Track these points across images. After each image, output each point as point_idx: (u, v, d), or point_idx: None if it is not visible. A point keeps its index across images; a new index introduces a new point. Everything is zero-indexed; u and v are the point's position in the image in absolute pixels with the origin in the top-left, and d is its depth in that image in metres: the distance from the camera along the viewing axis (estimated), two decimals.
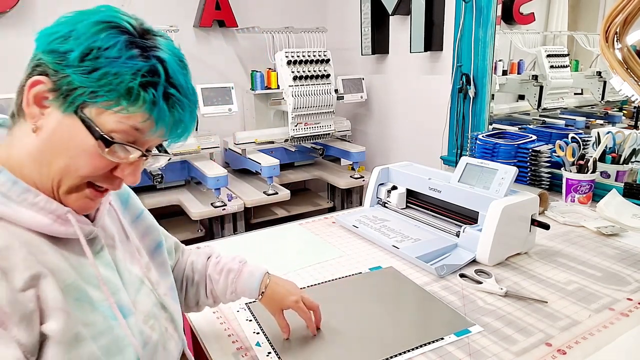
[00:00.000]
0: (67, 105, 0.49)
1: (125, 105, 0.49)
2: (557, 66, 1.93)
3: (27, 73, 0.52)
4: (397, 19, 2.37)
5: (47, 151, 0.50)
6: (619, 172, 1.45)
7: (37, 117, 0.51)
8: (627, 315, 0.83)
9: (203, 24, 2.48)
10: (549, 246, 1.13)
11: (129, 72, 0.48)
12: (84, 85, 0.48)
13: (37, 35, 0.52)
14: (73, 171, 0.51)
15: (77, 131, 0.50)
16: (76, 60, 0.48)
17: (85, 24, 0.49)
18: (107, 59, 0.48)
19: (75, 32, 0.49)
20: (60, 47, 0.49)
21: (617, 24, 1.12)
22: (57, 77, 0.49)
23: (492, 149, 1.52)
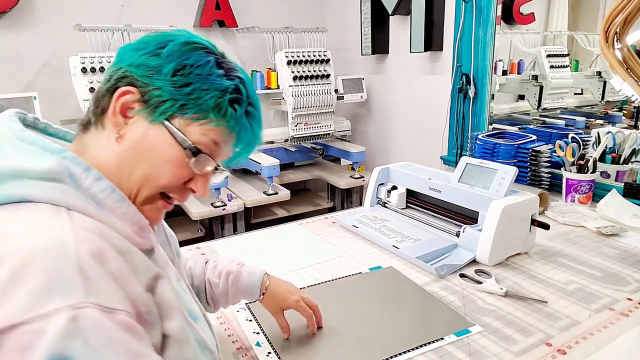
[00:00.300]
0: (157, 116, 0.51)
1: (214, 118, 0.52)
2: (557, 66, 1.93)
3: (109, 84, 0.53)
4: (397, 19, 2.37)
5: (129, 159, 0.52)
6: (619, 172, 1.45)
7: (120, 126, 0.52)
8: (627, 315, 0.83)
9: (203, 24, 2.48)
10: (549, 246, 1.13)
11: (219, 89, 0.53)
12: (174, 97, 0.51)
13: (120, 51, 0.55)
14: (153, 180, 0.52)
15: (163, 141, 0.52)
16: (168, 75, 0.51)
17: (176, 43, 0.53)
18: (199, 75, 0.52)
19: (165, 50, 0.52)
20: (150, 61, 0.52)
21: (617, 24, 1.12)
22: (146, 89, 0.52)
23: (492, 149, 1.52)
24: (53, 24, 2.15)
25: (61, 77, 1.96)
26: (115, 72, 0.53)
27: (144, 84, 0.52)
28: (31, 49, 2.13)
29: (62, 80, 1.92)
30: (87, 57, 1.79)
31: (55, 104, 1.98)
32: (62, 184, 0.47)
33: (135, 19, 2.19)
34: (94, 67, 1.78)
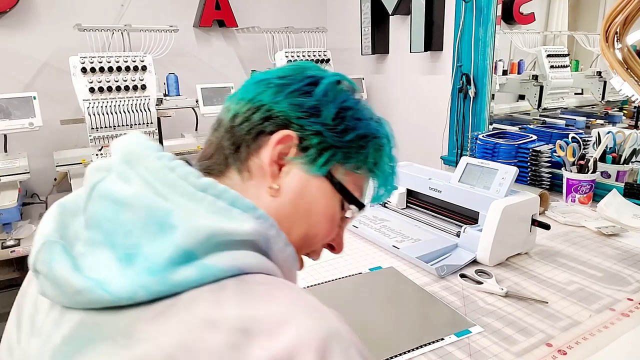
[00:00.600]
0: (318, 166, 0.45)
1: (372, 167, 0.49)
2: (558, 66, 1.93)
3: (251, 124, 0.45)
4: (397, 18, 2.36)
5: (287, 217, 0.45)
6: (619, 172, 1.44)
7: (275, 177, 0.45)
8: (627, 315, 0.83)
9: (203, 23, 2.48)
10: (550, 246, 1.13)
11: (376, 136, 0.49)
12: (336, 145, 0.46)
13: (251, 84, 0.48)
14: (309, 240, 0.48)
15: (323, 195, 0.46)
16: (328, 119, 0.45)
17: (329, 82, 0.47)
18: (357, 120, 0.47)
19: (319, 90, 0.46)
20: (305, 102, 0.45)
21: (617, 24, 1.11)
22: (303, 133, 0.45)
23: (492, 149, 1.52)
24: (53, 23, 2.15)
25: (61, 77, 1.96)
26: (257, 109, 0.45)
27: (300, 128, 0.45)
28: (31, 49, 2.13)
29: (61, 81, 1.92)
30: (87, 57, 1.79)
31: (54, 104, 1.97)
32: (259, 249, 0.40)
33: (135, 18, 2.19)
34: (93, 67, 1.78)
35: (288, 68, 0.49)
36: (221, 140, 0.47)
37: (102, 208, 0.39)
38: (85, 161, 1.90)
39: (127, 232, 0.37)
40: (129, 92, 1.84)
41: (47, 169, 2.04)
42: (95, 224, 0.39)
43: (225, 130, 0.47)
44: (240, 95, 0.47)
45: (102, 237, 0.38)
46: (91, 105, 1.77)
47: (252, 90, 0.47)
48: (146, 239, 0.37)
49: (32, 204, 2.08)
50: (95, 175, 0.43)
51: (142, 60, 1.87)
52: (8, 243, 1.62)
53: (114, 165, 0.42)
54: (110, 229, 0.38)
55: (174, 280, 0.35)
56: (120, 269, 0.36)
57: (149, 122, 1.86)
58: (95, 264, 0.37)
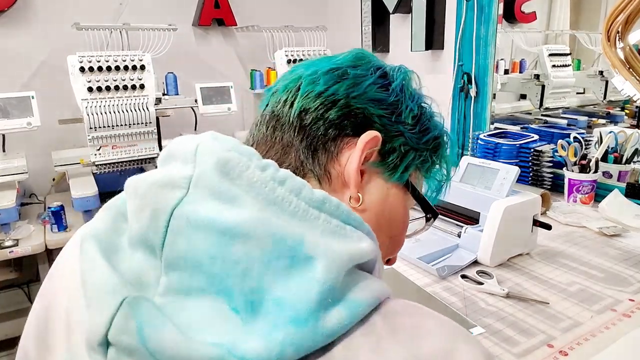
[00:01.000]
0: (401, 172, 0.41)
1: (447, 170, 0.46)
2: (559, 65, 1.92)
3: (331, 122, 0.39)
4: (398, 17, 2.36)
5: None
6: (621, 172, 1.44)
7: (359, 185, 0.39)
8: (629, 316, 0.82)
9: (202, 22, 2.47)
10: (551, 247, 1.12)
11: (447, 135, 0.45)
12: (417, 148, 0.42)
13: (323, 69, 0.41)
14: (391, 250, 0.45)
15: (401, 203, 0.42)
16: (409, 118, 0.41)
17: (402, 75, 0.42)
18: (429, 119, 0.43)
19: (396, 84, 0.41)
20: (385, 98, 0.40)
21: (619, 23, 1.11)
22: (386, 135, 0.40)
23: (493, 148, 1.51)
24: (51, 22, 2.14)
25: (59, 77, 1.95)
26: (332, 105, 0.39)
27: (383, 128, 0.40)
28: (29, 48, 2.12)
29: (60, 80, 1.91)
30: (85, 56, 1.78)
31: (53, 104, 1.97)
32: (370, 270, 0.35)
33: (134, 17, 2.18)
34: (92, 67, 1.77)
35: (351, 56, 0.43)
36: (291, 140, 0.40)
37: (201, 242, 0.29)
38: (83, 161, 1.89)
39: (244, 271, 0.29)
40: (127, 91, 1.83)
41: (46, 168, 2.03)
42: (193, 264, 0.29)
43: (294, 129, 0.40)
44: (307, 87, 0.40)
45: (205, 281, 0.29)
46: (89, 105, 1.76)
47: (323, 81, 0.40)
48: (274, 278, 0.29)
49: (30, 204, 2.07)
50: (159, 194, 0.32)
51: (140, 60, 1.87)
52: (6, 243, 1.62)
53: (202, 179, 0.32)
54: (217, 270, 0.29)
55: (327, 328, 0.28)
56: (243, 323, 0.28)
57: (147, 122, 1.85)
58: (198, 321, 0.28)
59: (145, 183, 0.34)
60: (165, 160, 0.36)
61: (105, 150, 1.81)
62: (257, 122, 0.44)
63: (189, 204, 0.31)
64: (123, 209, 0.36)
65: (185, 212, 0.31)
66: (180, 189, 0.32)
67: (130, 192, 0.35)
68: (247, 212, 0.30)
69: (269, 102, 0.44)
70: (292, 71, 0.44)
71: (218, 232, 0.30)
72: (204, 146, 0.34)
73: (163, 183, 0.33)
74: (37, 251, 1.65)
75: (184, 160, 0.34)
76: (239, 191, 0.31)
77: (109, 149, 1.82)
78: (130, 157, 1.86)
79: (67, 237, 1.68)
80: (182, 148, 0.35)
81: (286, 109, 0.41)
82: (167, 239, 0.30)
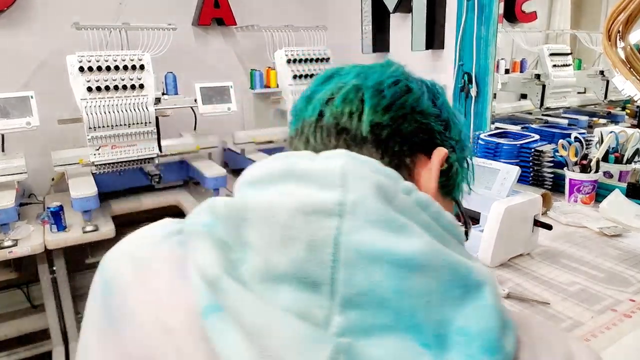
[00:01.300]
0: (451, 189, 0.42)
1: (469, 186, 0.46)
2: (560, 65, 1.92)
3: (405, 138, 0.39)
4: (398, 17, 2.35)
5: None
6: (622, 172, 1.43)
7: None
8: (629, 316, 0.82)
9: (202, 22, 2.47)
10: (552, 247, 1.12)
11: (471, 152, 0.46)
12: (462, 164, 0.43)
13: (388, 80, 0.40)
14: None
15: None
16: (456, 134, 0.42)
17: (443, 89, 0.43)
18: (462, 133, 0.43)
19: (442, 99, 0.42)
20: (440, 113, 0.40)
21: (620, 23, 1.10)
22: (448, 151, 0.41)
23: (494, 148, 1.51)
24: (50, 22, 2.13)
25: (58, 76, 1.94)
26: (403, 119, 0.38)
27: (442, 144, 0.40)
28: (28, 48, 2.11)
29: (59, 80, 1.91)
30: (84, 55, 1.78)
31: (52, 104, 1.96)
32: None
33: (133, 17, 2.18)
34: (91, 66, 1.77)
35: (397, 67, 0.42)
36: (371, 156, 0.37)
37: (381, 276, 0.28)
38: (82, 161, 1.89)
39: (427, 304, 0.28)
40: (127, 91, 1.82)
41: (45, 168, 2.03)
42: (377, 300, 0.27)
43: (370, 143, 0.38)
44: (373, 99, 0.39)
45: (392, 318, 0.27)
46: (89, 105, 1.76)
47: (389, 94, 0.39)
48: (452, 308, 0.29)
49: (29, 204, 2.06)
50: (311, 223, 0.29)
51: (140, 59, 1.86)
52: (6, 243, 1.61)
53: (361, 206, 0.30)
54: (405, 305, 0.27)
55: (509, 352, 0.29)
56: (435, 359, 0.27)
57: (147, 122, 1.85)
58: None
59: (283, 210, 0.30)
60: (281, 179, 0.33)
61: (104, 150, 1.80)
62: (312, 132, 0.41)
63: (352, 234, 0.29)
64: (219, 236, 0.32)
65: (352, 243, 0.29)
66: (334, 216, 0.29)
67: (257, 219, 0.31)
68: (420, 242, 0.29)
69: (325, 113, 0.40)
70: (340, 79, 0.42)
71: (396, 265, 0.28)
72: (353, 168, 0.32)
73: (310, 210, 0.30)
74: (36, 251, 1.64)
75: (325, 184, 0.31)
76: (405, 219, 0.30)
77: (108, 149, 1.81)
78: (129, 157, 1.86)
79: (67, 237, 1.69)
80: (317, 168, 0.32)
81: (354, 122, 0.39)
82: (340, 273, 0.28)
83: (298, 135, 0.43)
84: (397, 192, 0.32)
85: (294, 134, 0.44)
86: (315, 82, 0.44)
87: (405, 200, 0.32)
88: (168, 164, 2.19)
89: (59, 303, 1.85)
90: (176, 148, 2.14)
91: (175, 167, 2.24)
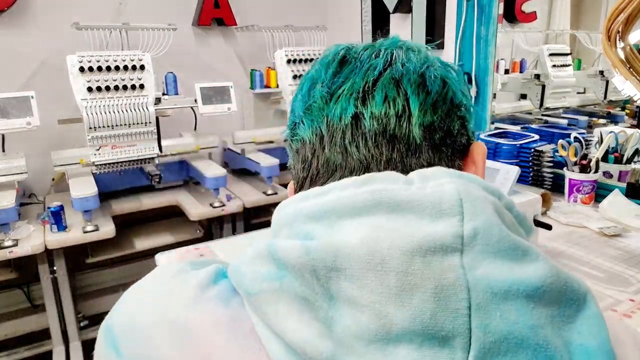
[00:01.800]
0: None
1: None
2: (560, 65, 1.92)
3: (455, 137, 0.35)
4: (398, 17, 2.35)
5: None
6: (621, 172, 1.43)
7: None
8: (629, 316, 0.82)
9: (202, 22, 2.47)
10: (552, 247, 1.12)
11: None
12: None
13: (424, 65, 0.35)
14: None
15: None
16: (471, 124, 0.39)
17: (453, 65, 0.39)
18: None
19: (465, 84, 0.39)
20: (469, 102, 0.37)
21: (620, 23, 1.10)
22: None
23: (494, 148, 1.51)
24: (50, 22, 2.13)
25: (58, 77, 1.95)
26: (453, 116, 0.35)
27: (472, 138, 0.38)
28: (28, 48, 2.11)
29: (59, 80, 1.91)
30: (85, 56, 1.78)
31: (52, 104, 1.96)
32: None
33: (133, 17, 2.18)
34: (91, 67, 1.77)
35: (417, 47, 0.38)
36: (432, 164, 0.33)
37: (516, 314, 0.25)
38: (83, 161, 1.89)
39: (553, 331, 0.26)
40: (127, 91, 1.83)
41: (45, 168, 2.03)
42: (515, 342, 0.25)
43: (427, 150, 0.34)
44: (419, 97, 0.34)
45: (530, 356, 0.25)
46: (89, 105, 1.76)
47: (433, 88, 0.34)
48: (568, 327, 0.27)
49: (30, 204, 2.06)
50: (432, 265, 0.25)
51: (140, 59, 1.86)
52: (6, 243, 1.61)
53: (484, 235, 0.26)
54: (541, 340, 0.25)
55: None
56: None
57: (147, 122, 1.85)
58: None
59: (393, 252, 0.25)
60: (367, 211, 0.28)
61: (104, 150, 1.81)
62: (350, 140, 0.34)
63: (476, 270, 0.25)
64: (296, 292, 0.27)
65: (481, 281, 0.25)
66: (456, 252, 0.26)
67: (356, 267, 0.26)
68: (544, 266, 0.27)
69: (363, 115, 0.34)
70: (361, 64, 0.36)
71: (528, 297, 0.25)
72: (464, 189, 0.28)
73: (428, 248, 0.25)
74: (36, 251, 1.64)
75: (435, 213, 0.27)
76: (524, 242, 0.27)
77: (108, 149, 1.81)
78: (129, 157, 1.86)
79: (67, 237, 1.69)
80: (421, 194, 0.27)
81: (404, 126, 0.33)
82: (475, 320, 0.24)
83: (324, 141, 0.35)
84: (503, 210, 0.29)
85: (312, 138, 0.36)
86: (324, 66, 0.38)
87: (510, 217, 0.29)
88: (168, 164, 2.19)
89: (59, 303, 1.85)
90: (176, 148, 2.14)
91: (175, 167, 2.25)
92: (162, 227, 2.25)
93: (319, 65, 0.39)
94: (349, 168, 0.34)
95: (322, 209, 0.29)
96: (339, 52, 0.38)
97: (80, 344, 1.91)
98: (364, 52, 0.37)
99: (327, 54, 0.39)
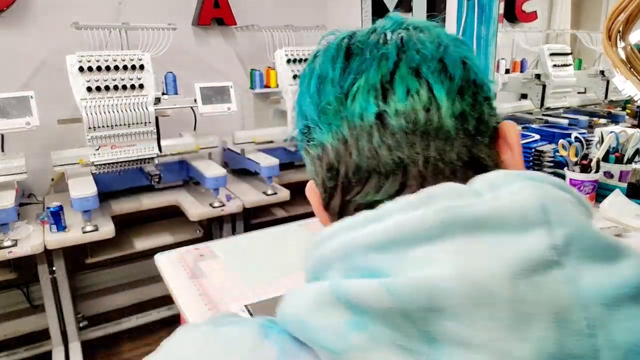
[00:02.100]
0: None
1: None
2: (560, 65, 1.92)
3: (488, 124, 0.33)
4: None
5: None
6: (622, 172, 1.43)
7: None
8: None
9: (201, 22, 2.47)
10: None
11: None
12: None
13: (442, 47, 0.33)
14: None
15: None
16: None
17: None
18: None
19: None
20: (488, 79, 0.35)
21: (620, 23, 1.10)
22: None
23: None
24: (50, 22, 2.13)
25: (58, 76, 1.94)
26: (474, 100, 0.32)
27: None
28: (28, 48, 2.11)
29: (59, 80, 1.91)
30: (84, 55, 1.77)
31: (52, 104, 1.96)
32: None
33: (133, 17, 2.18)
34: (91, 66, 1.77)
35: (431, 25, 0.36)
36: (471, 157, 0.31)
37: (632, 321, 0.24)
38: (82, 161, 1.88)
39: None
40: (126, 91, 1.82)
41: (45, 168, 2.02)
42: (636, 352, 0.24)
43: (461, 145, 0.31)
44: (443, 85, 0.31)
45: None
46: (89, 105, 1.75)
47: (456, 73, 0.32)
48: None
49: (29, 204, 2.06)
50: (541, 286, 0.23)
51: (140, 59, 1.86)
52: (5, 244, 1.61)
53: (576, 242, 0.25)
54: None
55: None
56: None
57: (147, 122, 1.84)
58: None
59: (498, 280, 0.23)
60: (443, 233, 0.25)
61: (104, 150, 1.80)
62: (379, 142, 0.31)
63: (581, 280, 0.24)
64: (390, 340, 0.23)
65: (590, 292, 0.23)
66: (555, 265, 0.24)
67: (459, 304, 0.23)
68: (636, 259, 0.25)
69: (387, 113, 0.31)
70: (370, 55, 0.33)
71: (632, 299, 0.24)
72: (542, 192, 0.25)
73: (529, 267, 0.23)
74: (36, 251, 1.64)
75: (520, 226, 0.24)
76: (612, 237, 0.26)
77: (108, 149, 1.81)
78: (129, 157, 1.85)
79: (66, 238, 1.69)
80: (497, 206, 0.25)
81: (434, 118, 0.30)
82: (601, 338, 0.23)
83: (349, 146, 0.32)
84: (577, 202, 0.27)
85: (334, 142, 0.33)
86: (329, 60, 0.34)
87: (580, 208, 0.27)
88: (168, 164, 2.19)
89: (59, 303, 1.85)
90: (176, 148, 2.13)
91: (175, 167, 2.24)
92: (161, 227, 2.24)
93: (322, 59, 0.35)
94: (385, 173, 0.31)
95: (385, 238, 0.25)
96: (341, 42, 0.35)
97: (79, 344, 1.91)
98: (368, 38, 0.34)
99: (329, 45, 0.36)
